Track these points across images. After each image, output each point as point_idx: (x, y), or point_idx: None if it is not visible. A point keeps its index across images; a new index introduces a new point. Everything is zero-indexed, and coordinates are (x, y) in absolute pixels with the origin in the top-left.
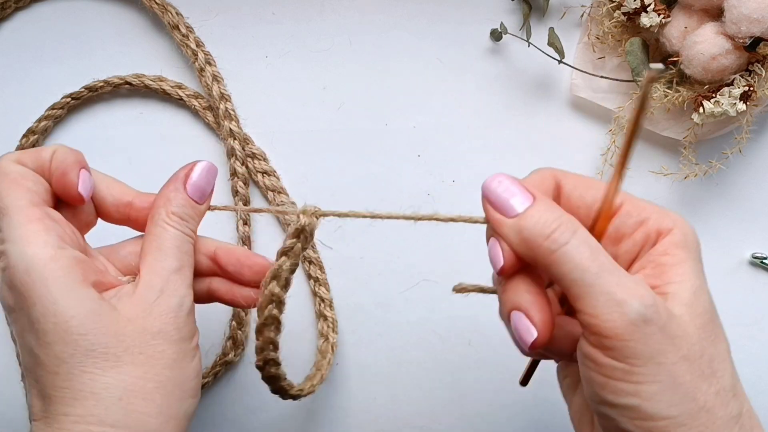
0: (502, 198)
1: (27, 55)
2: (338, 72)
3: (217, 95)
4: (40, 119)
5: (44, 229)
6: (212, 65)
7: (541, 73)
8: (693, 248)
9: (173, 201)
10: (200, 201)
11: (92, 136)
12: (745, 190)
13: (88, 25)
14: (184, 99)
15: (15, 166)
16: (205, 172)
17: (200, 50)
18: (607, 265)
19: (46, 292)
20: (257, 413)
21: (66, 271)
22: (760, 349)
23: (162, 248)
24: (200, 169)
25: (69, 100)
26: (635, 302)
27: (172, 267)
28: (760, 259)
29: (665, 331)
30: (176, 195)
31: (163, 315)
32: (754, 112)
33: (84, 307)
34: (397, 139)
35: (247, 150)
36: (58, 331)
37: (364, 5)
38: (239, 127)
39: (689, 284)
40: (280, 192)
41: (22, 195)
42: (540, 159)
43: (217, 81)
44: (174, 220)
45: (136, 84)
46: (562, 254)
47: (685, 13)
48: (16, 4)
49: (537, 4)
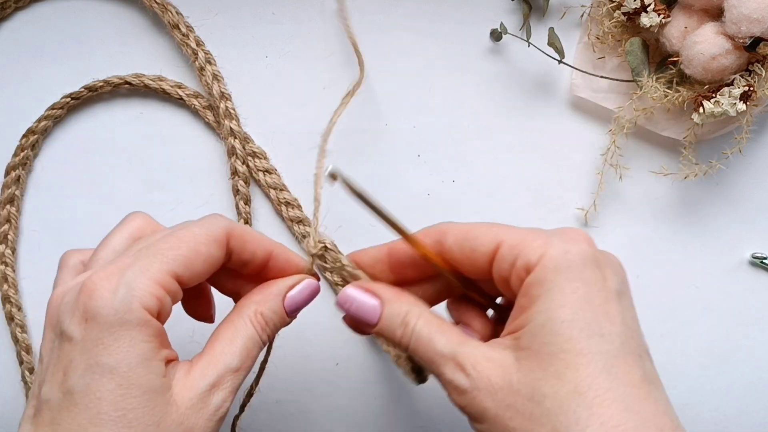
0: (358, 317)
1: (27, 55)
2: (338, 72)
3: (217, 94)
4: (39, 119)
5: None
6: (212, 64)
7: (541, 73)
8: (554, 280)
9: (267, 303)
10: (291, 315)
11: (93, 136)
12: (745, 190)
13: (88, 25)
14: (184, 98)
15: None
16: (308, 291)
17: (200, 49)
18: (452, 339)
19: (127, 345)
20: (257, 413)
21: (151, 338)
22: (760, 350)
23: (234, 342)
24: (304, 286)
25: (69, 100)
26: (460, 376)
27: (233, 365)
28: (760, 259)
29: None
30: (273, 299)
31: (202, 411)
32: (754, 112)
33: (149, 382)
34: (397, 139)
35: (248, 149)
36: (112, 395)
37: (364, 5)
38: (239, 126)
39: (498, 363)
40: (281, 189)
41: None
42: (540, 159)
43: (217, 80)
44: (259, 321)
45: (136, 84)
46: (415, 340)
47: (685, 13)
48: (16, 4)
49: (537, 4)
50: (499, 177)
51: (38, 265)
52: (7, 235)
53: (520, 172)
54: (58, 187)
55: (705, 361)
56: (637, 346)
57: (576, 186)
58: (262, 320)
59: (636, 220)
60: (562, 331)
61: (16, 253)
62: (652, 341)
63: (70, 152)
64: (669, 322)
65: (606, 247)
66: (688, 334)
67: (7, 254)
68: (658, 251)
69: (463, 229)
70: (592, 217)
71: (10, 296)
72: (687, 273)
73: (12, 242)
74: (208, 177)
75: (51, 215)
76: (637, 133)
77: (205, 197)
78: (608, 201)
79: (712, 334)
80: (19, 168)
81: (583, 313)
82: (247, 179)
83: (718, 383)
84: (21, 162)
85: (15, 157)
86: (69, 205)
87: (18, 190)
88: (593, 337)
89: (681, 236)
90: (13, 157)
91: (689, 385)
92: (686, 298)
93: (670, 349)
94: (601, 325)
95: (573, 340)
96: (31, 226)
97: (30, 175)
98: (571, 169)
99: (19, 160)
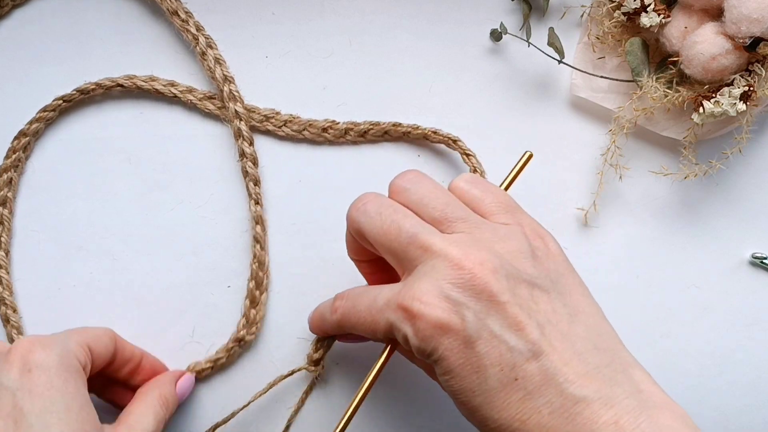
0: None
1: (23, 54)
2: (338, 72)
3: (221, 78)
4: (31, 122)
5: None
6: (213, 48)
7: (541, 73)
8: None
9: (166, 388)
10: (180, 399)
11: (88, 136)
12: (745, 190)
13: (85, 19)
14: (178, 96)
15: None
16: (190, 381)
17: (201, 34)
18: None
19: (74, 387)
20: (258, 413)
21: (85, 387)
22: (760, 350)
23: (146, 414)
24: (187, 377)
25: (60, 102)
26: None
27: (150, 429)
28: (760, 259)
29: None
30: (169, 385)
31: None
32: (754, 112)
33: (92, 424)
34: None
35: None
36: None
37: (364, 5)
38: (244, 108)
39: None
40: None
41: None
42: (540, 159)
43: (219, 64)
44: (162, 401)
45: (128, 86)
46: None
47: (685, 13)
48: (13, 2)
49: (537, 4)
50: (499, 177)
51: (33, 267)
52: (0, 237)
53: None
54: (53, 189)
55: (705, 361)
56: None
57: (576, 186)
58: (164, 400)
59: (636, 220)
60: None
61: (10, 255)
62: (652, 341)
63: (64, 153)
64: (669, 322)
65: (606, 247)
66: (688, 334)
67: (0, 256)
68: (658, 251)
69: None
70: (591, 217)
71: (5, 298)
72: (687, 273)
73: (5, 244)
74: (208, 177)
75: (46, 217)
76: (637, 133)
77: (206, 197)
78: (608, 201)
79: (712, 334)
80: (11, 170)
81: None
82: (255, 160)
83: (718, 383)
84: (12, 164)
85: (6, 160)
86: (65, 207)
87: (10, 192)
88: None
89: (681, 236)
90: (5, 160)
91: (689, 385)
92: (686, 298)
93: (670, 349)
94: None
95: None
96: (27, 227)
97: (22, 177)
98: (571, 169)
99: (10, 163)
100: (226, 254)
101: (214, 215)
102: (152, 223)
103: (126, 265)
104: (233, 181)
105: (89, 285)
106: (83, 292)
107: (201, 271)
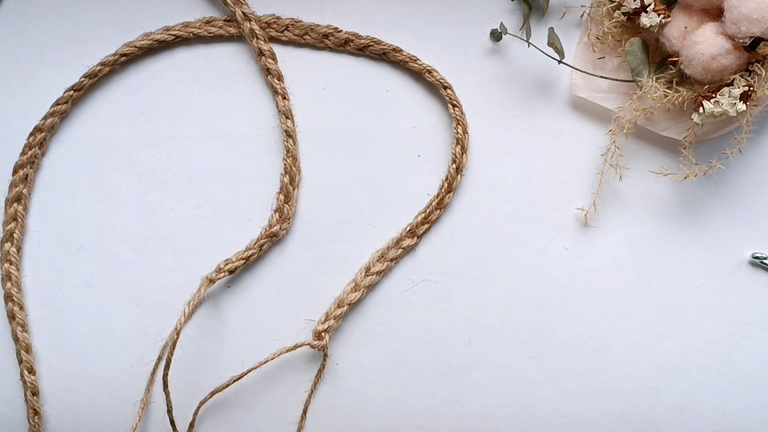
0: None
1: (22, 54)
2: (338, 72)
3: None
4: (45, 116)
5: None
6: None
7: (541, 73)
8: None
9: None
10: None
11: (90, 136)
12: (745, 190)
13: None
14: (199, 33)
15: None
16: None
17: None
18: None
19: None
20: (257, 413)
21: None
22: (760, 350)
23: None
24: None
25: (72, 92)
26: None
27: None
28: (760, 259)
29: None
30: None
31: None
32: (754, 112)
33: None
34: (397, 139)
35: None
36: None
37: (364, 5)
38: (251, 10)
39: None
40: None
41: None
42: (540, 159)
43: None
44: None
45: (132, 52)
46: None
47: (685, 13)
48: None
49: (537, 4)
50: (499, 177)
51: (33, 266)
52: (13, 233)
53: (520, 172)
54: (53, 189)
55: (705, 361)
56: None
57: (576, 186)
58: None
59: (636, 220)
60: None
61: (21, 252)
62: (652, 341)
63: (65, 154)
64: (669, 322)
65: (606, 247)
66: (688, 334)
67: (12, 252)
68: (658, 251)
69: None
70: (591, 218)
71: (13, 294)
72: (687, 273)
73: (18, 240)
74: (208, 177)
75: (47, 217)
76: (637, 133)
77: (206, 197)
78: (608, 201)
79: (712, 334)
80: (27, 166)
81: None
82: (274, 56)
83: (718, 383)
84: (29, 160)
85: (23, 155)
86: (65, 207)
87: (26, 188)
88: None
89: (681, 236)
90: (21, 155)
91: (689, 385)
92: (686, 298)
93: (670, 349)
94: None
95: None
96: (28, 227)
97: (38, 173)
98: (571, 169)
99: (26, 159)
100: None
101: (214, 215)
102: (152, 223)
103: (126, 265)
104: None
105: (89, 285)
106: (83, 292)
107: (201, 271)
